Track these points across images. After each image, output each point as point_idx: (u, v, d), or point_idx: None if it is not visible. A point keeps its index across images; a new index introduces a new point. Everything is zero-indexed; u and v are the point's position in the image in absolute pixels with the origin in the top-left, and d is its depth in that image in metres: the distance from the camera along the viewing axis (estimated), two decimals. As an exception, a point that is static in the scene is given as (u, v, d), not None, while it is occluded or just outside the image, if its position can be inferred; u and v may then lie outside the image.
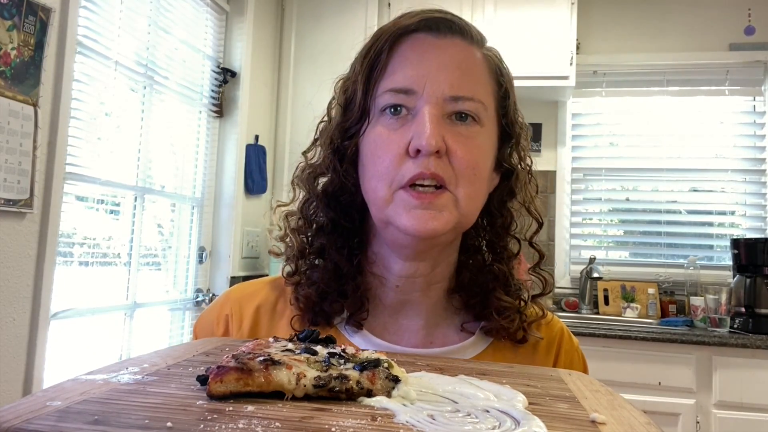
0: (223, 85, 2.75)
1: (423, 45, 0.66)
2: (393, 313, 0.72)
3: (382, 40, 0.66)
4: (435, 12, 0.68)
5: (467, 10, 2.87)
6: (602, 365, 2.38)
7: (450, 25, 0.67)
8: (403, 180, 0.62)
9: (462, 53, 0.67)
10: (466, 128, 0.65)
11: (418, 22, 0.66)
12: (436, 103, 0.63)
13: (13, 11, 1.57)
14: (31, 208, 1.65)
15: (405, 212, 0.63)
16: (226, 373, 0.39)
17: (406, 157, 0.63)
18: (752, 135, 3.07)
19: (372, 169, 0.65)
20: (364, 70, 0.67)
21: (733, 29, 3.03)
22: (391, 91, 0.65)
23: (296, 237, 0.73)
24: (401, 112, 0.64)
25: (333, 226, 0.72)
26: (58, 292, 1.80)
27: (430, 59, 0.65)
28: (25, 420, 0.33)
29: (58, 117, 1.74)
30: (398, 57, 0.66)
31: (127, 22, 2.15)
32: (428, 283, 0.71)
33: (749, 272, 2.59)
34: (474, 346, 0.71)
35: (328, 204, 0.71)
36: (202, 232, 2.71)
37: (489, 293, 0.72)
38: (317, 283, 0.70)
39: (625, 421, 0.40)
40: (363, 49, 0.69)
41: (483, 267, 0.73)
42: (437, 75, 0.64)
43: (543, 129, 3.21)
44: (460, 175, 0.63)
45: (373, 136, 0.66)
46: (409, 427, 0.36)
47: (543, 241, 3.15)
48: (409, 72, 0.64)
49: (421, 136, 0.61)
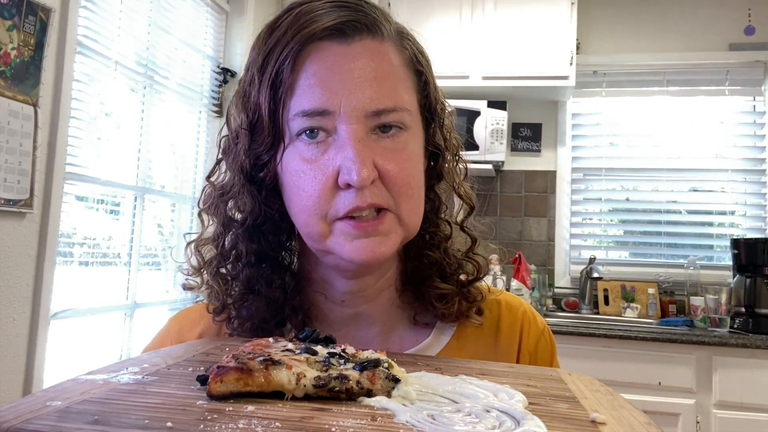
0: (223, 85, 2.75)
1: (330, 56, 0.58)
2: (343, 326, 0.68)
3: (283, 54, 0.58)
4: (338, 9, 0.59)
5: (467, 10, 2.87)
6: (602, 365, 2.38)
7: (355, 26, 0.59)
8: (338, 213, 0.57)
9: (375, 58, 0.59)
10: (393, 141, 0.59)
11: (322, 30, 0.58)
12: (357, 122, 0.57)
13: (13, 11, 1.57)
14: (31, 208, 1.65)
15: (347, 243, 0.58)
16: (226, 373, 0.39)
17: (335, 189, 0.57)
18: (752, 135, 3.07)
19: (299, 203, 0.59)
20: (267, 90, 0.59)
21: (733, 29, 3.03)
22: (303, 116, 0.57)
23: (215, 272, 0.66)
24: (319, 135, 0.58)
25: (258, 257, 0.65)
26: (58, 292, 1.80)
27: (341, 73, 0.57)
28: (25, 420, 0.33)
29: (58, 117, 1.74)
30: (304, 74, 0.58)
31: (127, 22, 2.15)
32: (377, 291, 0.68)
33: (749, 272, 2.59)
34: (433, 344, 0.69)
35: (250, 236, 0.64)
36: (202, 232, 2.70)
37: (426, 281, 0.69)
38: (250, 320, 0.64)
39: (625, 421, 0.40)
40: (259, 59, 0.61)
41: (421, 255, 0.69)
42: (353, 91, 0.57)
43: (543, 129, 3.21)
44: (398, 195, 0.58)
45: (294, 167, 0.59)
46: (409, 427, 0.36)
47: (543, 241, 3.15)
48: (319, 91, 0.57)
49: (351, 171, 0.55)
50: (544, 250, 3.15)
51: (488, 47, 2.83)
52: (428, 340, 0.69)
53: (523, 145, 3.21)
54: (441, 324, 0.70)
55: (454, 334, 0.70)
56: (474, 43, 2.84)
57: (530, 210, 3.18)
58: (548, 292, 3.06)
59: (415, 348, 0.68)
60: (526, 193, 3.19)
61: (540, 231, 3.17)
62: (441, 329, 0.70)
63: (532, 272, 2.96)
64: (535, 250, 3.15)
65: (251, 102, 0.62)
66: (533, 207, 3.18)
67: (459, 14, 2.89)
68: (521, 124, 3.21)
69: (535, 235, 3.17)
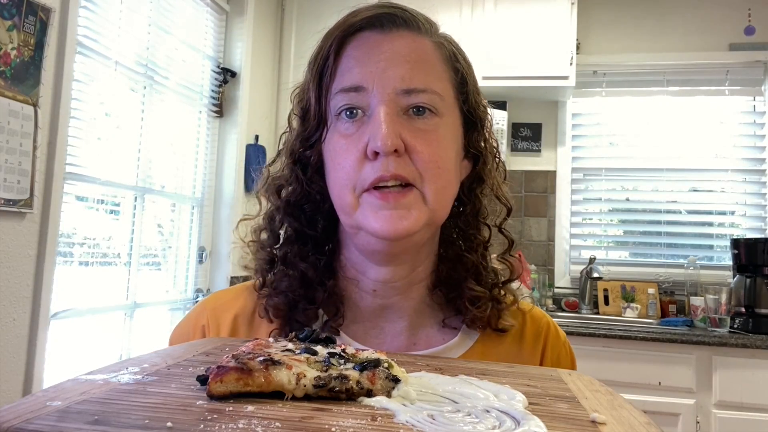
0: (223, 85, 2.75)
1: (369, 42, 0.64)
2: (373, 317, 0.70)
3: (329, 43, 0.65)
4: (380, 7, 0.66)
5: (467, 9, 2.87)
6: (602, 365, 2.38)
7: (394, 20, 0.65)
8: (365, 183, 0.61)
9: (410, 45, 0.64)
10: (424, 122, 0.63)
11: (362, 20, 0.65)
12: (389, 100, 0.61)
13: (13, 11, 1.57)
14: (31, 208, 1.65)
15: (372, 214, 0.61)
16: (226, 373, 0.39)
17: (365, 160, 0.61)
18: (752, 135, 3.07)
19: (335, 176, 0.64)
20: (315, 77, 0.66)
21: (733, 29, 3.03)
22: (341, 92, 0.63)
23: (263, 249, 0.72)
24: (357, 115, 0.63)
25: (297, 235, 0.70)
26: (58, 292, 1.80)
27: (377, 54, 0.63)
28: (25, 420, 0.33)
29: (58, 117, 1.74)
30: (345, 58, 0.64)
31: (127, 22, 2.15)
32: (408, 285, 0.70)
33: (749, 272, 2.59)
34: (459, 345, 0.70)
35: (292, 213, 0.70)
36: (202, 232, 2.71)
37: (462, 284, 0.70)
38: (285, 292, 0.68)
39: (625, 421, 0.40)
40: (312, 55, 0.68)
41: (458, 258, 0.72)
42: (386, 69, 0.62)
43: (543, 129, 3.21)
44: (424, 172, 0.62)
45: (332, 143, 0.65)
46: (409, 427, 0.36)
47: (543, 241, 3.15)
48: (356, 70, 0.63)
49: (376, 137, 0.59)
50: (544, 250, 3.15)
51: (488, 47, 2.83)
52: (454, 340, 0.70)
53: (523, 145, 3.21)
54: (467, 329, 0.71)
55: (478, 339, 0.71)
56: (474, 42, 2.83)
57: (530, 210, 3.18)
58: (548, 292, 3.06)
59: (441, 347, 0.69)
60: (526, 193, 3.19)
61: (540, 231, 3.17)
62: (467, 333, 0.71)
63: (532, 272, 2.96)
64: (535, 250, 3.15)
65: (304, 92, 0.69)
66: (533, 207, 3.18)
67: (459, 14, 2.89)
68: (521, 124, 3.21)
69: (535, 235, 3.17)
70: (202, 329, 0.71)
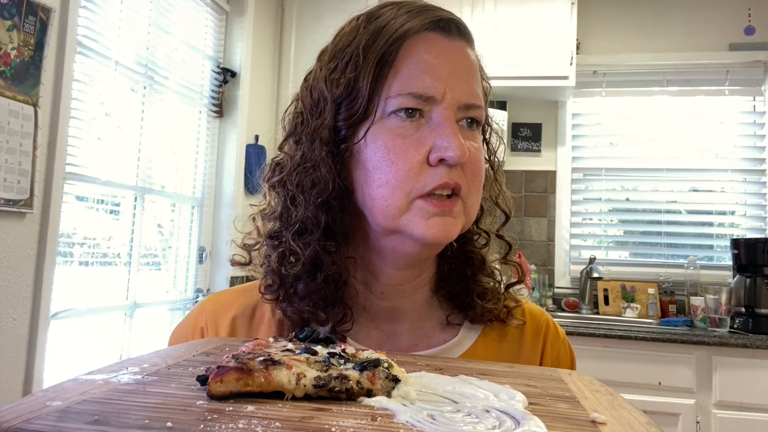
0: (223, 85, 2.75)
1: (437, 47, 0.64)
2: (376, 319, 0.70)
3: (392, 38, 0.63)
4: (440, 11, 0.66)
5: (467, 9, 2.87)
6: (602, 365, 2.38)
7: (457, 27, 0.67)
8: (424, 189, 0.60)
9: (469, 58, 0.66)
10: (473, 134, 0.65)
11: (429, 22, 0.64)
12: (453, 110, 0.62)
13: (13, 11, 1.57)
14: (31, 208, 1.65)
15: (423, 221, 0.61)
16: (226, 373, 0.39)
17: (426, 165, 0.61)
18: (752, 135, 3.07)
19: (384, 176, 0.61)
20: (371, 68, 0.63)
21: (733, 29, 3.03)
22: (410, 95, 0.62)
23: (276, 245, 0.66)
24: (415, 116, 0.62)
25: (327, 233, 0.65)
26: (58, 292, 1.80)
27: (447, 64, 0.63)
28: (25, 420, 0.33)
29: (58, 117, 1.74)
30: (413, 58, 0.63)
31: (127, 22, 2.15)
32: (414, 288, 0.70)
33: (749, 272, 2.59)
34: (459, 344, 0.70)
35: (324, 209, 0.64)
36: (202, 232, 2.71)
37: (468, 279, 0.71)
38: (308, 296, 0.65)
39: (625, 421, 0.40)
40: (361, 41, 0.64)
41: (458, 254, 0.73)
42: (456, 83, 0.63)
43: (543, 129, 3.21)
44: (471, 183, 0.63)
45: (385, 141, 0.62)
46: (409, 427, 0.36)
47: (543, 241, 3.15)
48: (428, 78, 0.62)
49: (449, 148, 0.59)
50: (544, 250, 3.15)
51: (488, 47, 2.82)
52: (455, 339, 0.71)
53: (523, 145, 3.21)
54: (468, 325, 0.72)
55: (479, 337, 0.72)
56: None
57: (530, 210, 3.18)
58: (548, 292, 3.06)
59: (442, 347, 0.70)
60: (526, 193, 3.19)
61: (540, 231, 3.17)
62: (468, 330, 0.72)
63: (532, 272, 2.96)
64: (535, 250, 3.15)
65: (345, 77, 0.64)
66: (533, 207, 3.18)
67: (459, 14, 2.85)
68: (521, 124, 3.21)
69: (535, 235, 3.17)
70: (200, 331, 0.71)
